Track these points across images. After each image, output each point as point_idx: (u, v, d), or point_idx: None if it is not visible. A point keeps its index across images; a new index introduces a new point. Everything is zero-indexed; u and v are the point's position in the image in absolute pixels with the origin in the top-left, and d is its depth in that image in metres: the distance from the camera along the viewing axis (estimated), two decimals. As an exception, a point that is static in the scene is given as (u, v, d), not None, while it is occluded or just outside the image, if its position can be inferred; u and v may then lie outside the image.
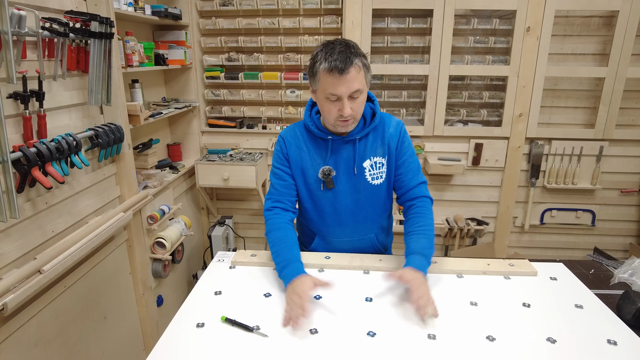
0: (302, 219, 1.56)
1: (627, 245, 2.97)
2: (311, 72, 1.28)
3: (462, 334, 1.05)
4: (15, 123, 1.37)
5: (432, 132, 2.76)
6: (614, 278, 1.41)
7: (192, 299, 1.21)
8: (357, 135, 1.36)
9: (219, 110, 2.91)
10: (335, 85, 1.21)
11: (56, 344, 1.55)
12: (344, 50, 1.21)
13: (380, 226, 1.52)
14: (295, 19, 2.68)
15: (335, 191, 1.41)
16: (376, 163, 1.40)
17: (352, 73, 1.20)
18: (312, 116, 1.41)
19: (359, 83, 1.22)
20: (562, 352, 0.98)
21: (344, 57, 1.19)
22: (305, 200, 1.46)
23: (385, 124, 1.41)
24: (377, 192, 1.43)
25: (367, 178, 1.40)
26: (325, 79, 1.22)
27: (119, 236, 1.93)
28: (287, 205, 1.42)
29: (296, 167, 1.42)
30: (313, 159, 1.41)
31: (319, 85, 1.26)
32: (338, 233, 1.49)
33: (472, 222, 2.91)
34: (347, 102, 1.23)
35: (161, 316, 2.35)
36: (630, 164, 2.80)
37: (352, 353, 0.99)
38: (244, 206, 3.13)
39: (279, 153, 1.44)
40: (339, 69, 1.19)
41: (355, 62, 1.20)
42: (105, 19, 1.61)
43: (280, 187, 1.43)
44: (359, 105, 1.28)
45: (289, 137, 1.43)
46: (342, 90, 1.21)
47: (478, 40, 2.63)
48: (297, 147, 1.42)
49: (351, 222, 1.46)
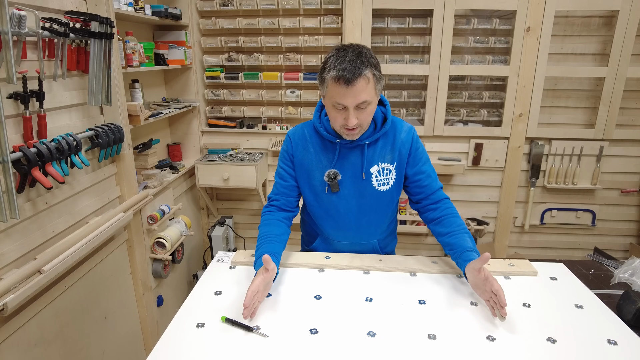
0: (306, 218, 1.57)
1: (627, 245, 2.97)
2: (320, 77, 1.25)
3: (462, 334, 1.05)
4: (16, 123, 1.37)
5: (432, 132, 2.76)
6: (614, 278, 1.41)
7: (192, 299, 1.21)
8: (366, 141, 1.34)
9: (219, 110, 2.91)
10: (341, 96, 1.19)
11: (56, 344, 1.55)
12: (355, 59, 1.17)
13: (382, 232, 1.51)
14: (295, 19, 2.68)
15: (340, 195, 1.40)
16: (384, 169, 1.38)
17: (359, 85, 1.17)
18: (322, 118, 1.39)
19: (366, 95, 1.19)
20: (562, 352, 0.98)
21: (353, 68, 1.16)
22: (309, 201, 1.46)
23: (397, 130, 1.38)
24: (382, 199, 1.41)
25: (374, 184, 1.39)
26: (332, 87, 1.20)
27: (119, 236, 1.93)
28: (283, 205, 1.44)
29: (300, 168, 1.42)
30: (319, 161, 1.39)
31: (326, 92, 1.24)
32: (340, 236, 1.49)
33: (472, 222, 2.90)
34: (353, 113, 1.21)
35: (161, 316, 2.36)
36: (630, 164, 2.80)
37: (352, 353, 0.99)
38: (244, 206, 3.13)
39: (284, 152, 1.45)
40: (346, 79, 1.16)
41: (365, 73, 1.17)
42: (105, 19, 1.61)
43: (281, 187, 1.45)
44: (367, 116, 1.25)
45: (296, 137, 1.43)
46: (349, 101, 1.19)
47: (478, 40, 2.63)
48: (304, 149, 1.41)
49: (354, 226, 1.45)
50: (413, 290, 1.25)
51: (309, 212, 1.51)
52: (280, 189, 1.44)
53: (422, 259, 1.43)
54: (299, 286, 1.28)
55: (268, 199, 1.48)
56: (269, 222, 1.40)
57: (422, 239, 3.04)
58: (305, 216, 1.56)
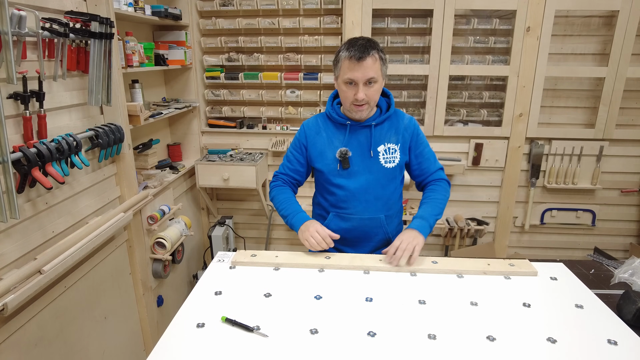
0: (321, 199, 1.68)
1: (627, 245, 2.97)
2: (335, 60, 1.48)
3: (462, 334, 1.05)
4: (16, 123, 1.37)
5: (432, 132, 2.76)
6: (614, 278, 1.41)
7: (192, 299, 1.21)
8: (373, 122, 1.54)
9: (219, 110, 2.91)
10: (352, 71, 1.40)
11: (56, 344, 1.55)
12: (365, 43, 1.41)
13: (389, 208, 1.62)
14: (295, 19, 2.68)
15: (350, 171, 1.56)
16: (390, 148, 1.56)
17: (368, 61, 1.39)
18: (334, 105, 1.60)
19: (374, 72, 1.40)
20: (562, 352, 0.98)
21: (363, 48, 1.39)
22: (323, 178, 1.61)
23: (400, 118, 1.59)
24: (388, 174, 1.57)
25: (381, 161, 1.55)
26: (344, 65, 1.42)
27: (119, 236, 1.93)
28: (288, 181, 1.65)
29: (314, 150, 1.59)
30: (331, 142, 1.57)
31: (340, 71, 1.45)
32: (350, 210, 1.60)
33: (473, 222, 2.90)
34: (362, 88, 1.42)
35: (161, 316, 2.36)
36: (630, 163, 2.80)
37: (352, 353, 0.99)
38: (244, 206, 3.13)
39: (297, 141, 1.64)
40: (357, 57, 1.38)
41: (373, 53, 1.40)
42: (105, 19, 1.61)
43: (287, 169, 1.65)
44: (374, 93, 1.45)
45: (311, 124, 1.62)
46: (358, 75, 1.40)
47: (478, 40, 2.63)
48: (317, 134, 1.60)
49: (363, 200, 1.58)
50: (413, 290, 1.26)
51: (322, 190, 1.65)
52: (286, 171, 1.65)
53: (422, 259, 1.43)
54: (299, 286, 1.28)
55: (274, 176, 1.68)
56: (283, 190, 1.62)
57: (422, 239, 3.03)
58: (319, 196, 1.69)
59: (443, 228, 2.88)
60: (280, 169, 1.68)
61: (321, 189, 1.66)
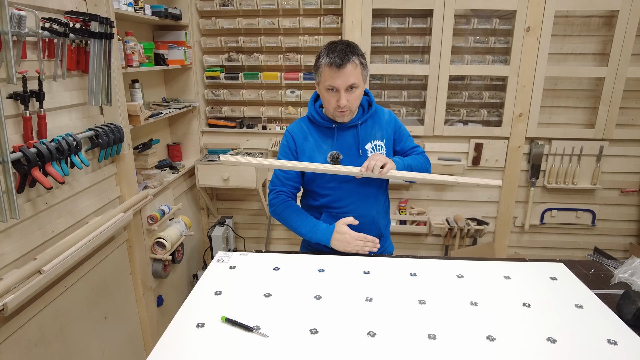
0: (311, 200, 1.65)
1: (627, 245, 2.97)
2: (315, 66, 1.47)
3: (462, 334, 1.05)
4: (15, 123, 1.37)
5: (432, 132, 2.76)
6: (614, 278, 1.41)
7: (192, 299, 1.21)
8: (358, 121, 1.55)
9: (219, 110, 2.91)
10: (333, 78, 1.39)
11: (56, 344, 1.55)
12: (344, 49, 1.39)
13: (380, 205, 1.65)
14: (295, 19, 2.68)
15: None
16: (376, 146, 1.58)
17: (348, 68, 1.38)
18: (317, 108, 1.58)
19: (355, 78, 1.40)
20: (562, 352, 0.98)
21: (343, 55, 1.38)
22: (314, 183, 1.59)
23: (380, 113, 1.63)
24: None
25: None
26: (325, 72, 1.41)
27: (119, 236, 1.93)
28: (287, 191, 1.61)
29: (303, 156, 1.58)
30: (319, 146, 1.56)
31: (321, 78, 1.44)
32: (343, 209, 1.60)
33: (472, 222, 2.90)
34: (343, 94, 1.42)
35: (161, 316, 2.36)
36: (630, 163, 2.80)
37: (352, 353, 0.99)
38: (244, 206, 3.13)
39: (285, 147, 1.61)
40: (337, 64, 1.37)
41: (353, 59, 1.39)
42: (105, 19, 1.61)
43: (284, 180, 1.60)
44: (355, 99, 1.45)
45: (296, 130, 1.61)
46: (339, 82, 1.40)
47: (478, 40, 2.63)
48: (304, 139, 1.58)
49: (355, 199, 1.59)
50: (413, 290, 1.25)
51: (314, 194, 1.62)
52: (283, 180, 1.60)
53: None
54: (299, 286, 1.28)
55: (270, 190, 1.63)
56: (289, 203, 1.59)
57: (422, 239, 3.04)
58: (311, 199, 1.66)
59: (443, 228, 2.88)
60: (275, 181, 1.61)
61: (312, 192, 1.64)
